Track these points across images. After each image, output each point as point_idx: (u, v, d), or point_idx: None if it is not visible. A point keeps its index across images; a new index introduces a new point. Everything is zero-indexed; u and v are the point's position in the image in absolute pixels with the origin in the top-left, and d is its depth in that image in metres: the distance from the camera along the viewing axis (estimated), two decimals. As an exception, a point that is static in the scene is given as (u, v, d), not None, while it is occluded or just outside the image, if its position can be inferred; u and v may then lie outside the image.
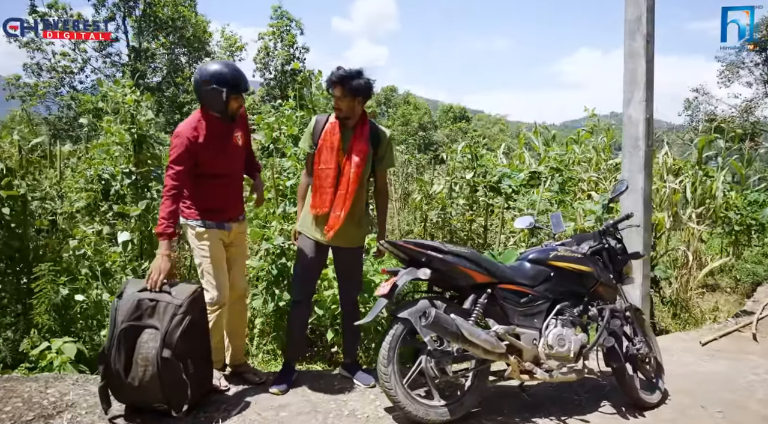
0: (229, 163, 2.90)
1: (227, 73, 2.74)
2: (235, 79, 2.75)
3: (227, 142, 2.87)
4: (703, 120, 24.68)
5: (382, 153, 3.08)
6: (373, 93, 3.07)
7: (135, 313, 2.42)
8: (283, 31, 26.29)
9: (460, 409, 2.77)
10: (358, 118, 3.02)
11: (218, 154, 2.82)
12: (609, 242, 3.22)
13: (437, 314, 2.59)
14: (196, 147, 2.72)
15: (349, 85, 2.88)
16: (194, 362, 2.51)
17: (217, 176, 2.85)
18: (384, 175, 3.18)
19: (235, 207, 2.98)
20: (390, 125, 35.85)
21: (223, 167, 2.87)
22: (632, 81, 4.73)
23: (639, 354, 3.14)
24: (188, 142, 2.70)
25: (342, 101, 2.91)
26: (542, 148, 9.60)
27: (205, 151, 2.76)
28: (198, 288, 2.67)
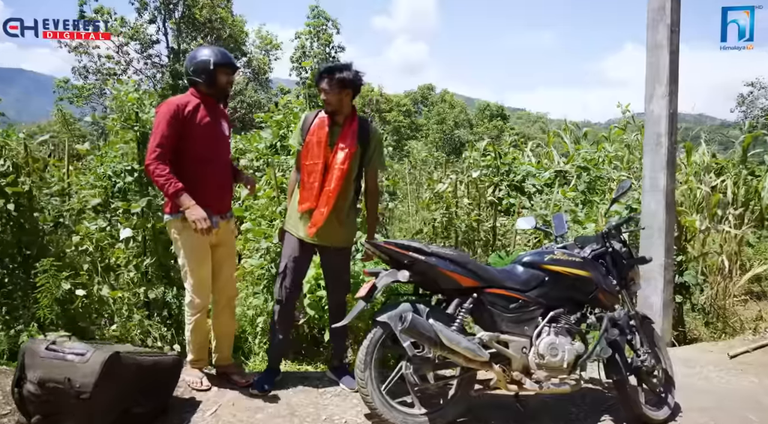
0: (216, 146, 2.84)
1: (211, 49, 2.81)
2: (219, 53, 2.81)
3: (215, 122, 2.83)
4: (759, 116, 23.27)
5: (370, 153, 2.98)
6: (361, 85, 2.98)
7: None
8: (319, 30, 26.44)
9: (441, 419, 2.64)
10: (347, 114, 2.94)
11: (206, 131, 2.77)
12: (613, 245, 3.00)
13: (414, 318, 2.46)
14: (182, 120, 2.67)
15: (336, 78, 2.83)
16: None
17: (203, 161, 2.78)
18: (374, 176, 3.07)
19: (221, 199, 2.90)
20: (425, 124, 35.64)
21: (209, 149, 2.80)
22: (654, 74, 4.45)
23: (644, 366, 2.92)
24: (173, 110, 2.66)
25: (330, 94, 2.86)
26: (571, 146, 9.24)
27: (193, 125, 2.71)
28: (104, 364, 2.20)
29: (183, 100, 2.75)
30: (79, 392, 2.10)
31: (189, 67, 2.81)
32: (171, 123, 2.64)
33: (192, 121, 2.71)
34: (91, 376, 2.11)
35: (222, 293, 2.96)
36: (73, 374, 2.12)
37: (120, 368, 2.22)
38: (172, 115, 2.65)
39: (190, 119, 2.70)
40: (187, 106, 2.71)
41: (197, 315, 2.81)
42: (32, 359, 2.17)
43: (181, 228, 2.74)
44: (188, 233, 2.72)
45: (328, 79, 2.84)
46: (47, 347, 2.20)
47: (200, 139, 2.74)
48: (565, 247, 3.03)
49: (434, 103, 41.71)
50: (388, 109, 31.73)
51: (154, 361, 2.50)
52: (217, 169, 2.85)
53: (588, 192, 7.51)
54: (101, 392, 2.13)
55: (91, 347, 2.22)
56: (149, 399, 2.44)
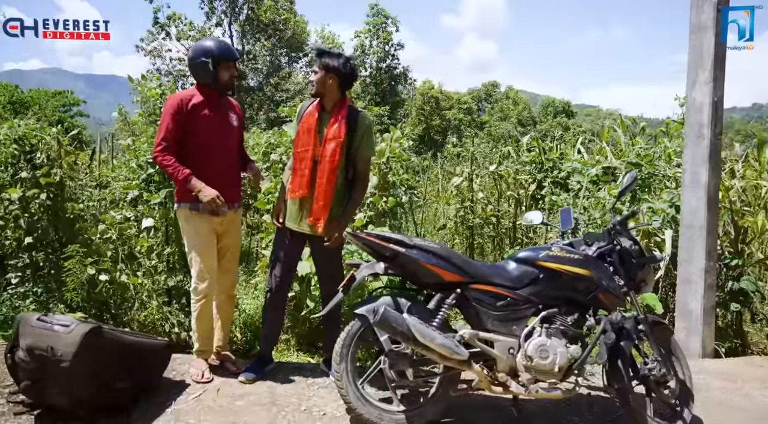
0: (221, 139, 2.88)
1: (213, 45, 2.84)
2: (220, 48, 2.84)
3: (221, 114, 2.89)
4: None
5: (358, 141, 2.93)
6: (350, 76, 2.93)
7: None
8: (378, 29, 26.64)
9: (419, 418, 2.54)
10: (336, 101, 2.91)
11: (210, 124, 2.82)
12: (620, 242, 2.77)
13: (386, 311, 2.39)
14: (186, 113, 2.75)
15: (323, 60, 2.85)
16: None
17: (208, 153, 2.83)
18: (363, 164, 3.00)
19: (229, 189, 2.91)
20: (486, 120, 34.90)
21: (213, 142, 2.84)
22: (697, 58, 4.07)
23: (652, 375, 2.67)
24: (178, 103, 2.74)
25: (316, 75, 2.87)
26: (624, 140, 8.67)
27: (196, 117, 2.78)
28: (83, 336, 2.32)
29: (187, 94, 2.83)
30: (60, 361, 2.22)
31: (191, 65, 2.87)
32: (175, 117, 2.73)
33: (195, 115, 2.78)
34: (72, 346, 2.23)
35: (221, 280, 3.00)
36: (56, 343, 2.24)
37: (100, 341, 2.33)
38: (176, 110, 2.74)
39: (193, 113, 2.77)
40: (191, 100, 2.79)
41: (202, 301, 2.87)
42: (24, 328, 2.32)
43: (188, 216, 2.83)
44: (195, 221, 2.81)
45: (318, 61, 2.87)
46: (38, 318, 2.34)
47: (204, 133, 2.80)
48: (571, 244, 2.83)
49: (498, 101, 40.78)
50: (448, 106, 31.38)
51: (139, 342, 2.60)
52: (222, 161, 2.90)
53: (639, 190, 7.03)
54: (81, 362, 2.24)
55: (77, 321, 2.34)
56: (134, 377, 2.53)
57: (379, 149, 4.14)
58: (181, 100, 2.77)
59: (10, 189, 3.86)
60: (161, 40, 22.43)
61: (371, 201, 4.12)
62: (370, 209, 4.15)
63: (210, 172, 2.81)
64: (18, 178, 3.88)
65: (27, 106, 23.76)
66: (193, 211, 2.82)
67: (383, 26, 26.69)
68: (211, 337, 3.07)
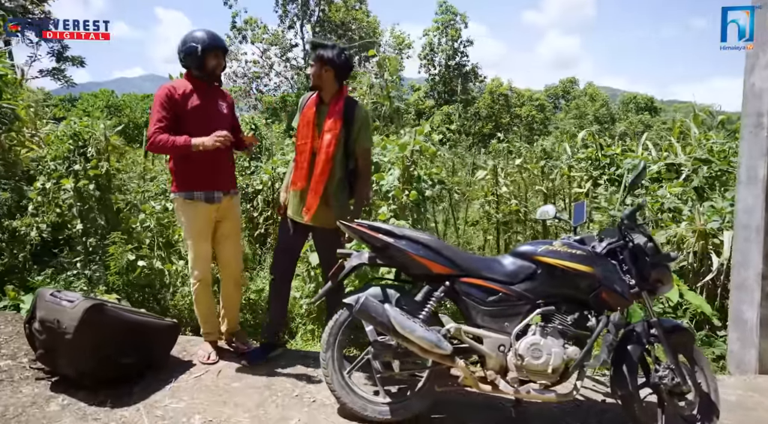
0: (213, 124, 2.87)
1: (201, 34, 2.88)
2: (208, 37, 2.88)
3: (210, 103, 2.93)
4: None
5: (355, 132, 2.92)
6: (346, 67, 2.93)
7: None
8: (447, 26, 26.37)
9: (403, 411, 2.50)
10: (334, 93, 2.92)
11: (200, 111, 2.86)
12: (633, 239, 2.56)
13: (366, 301, 2.37)
14: (177, 101, 2.80)
15: (318, 53, 2.87)
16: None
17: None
18: (363, 155, 2.98)
19: (223, 176, 2.98)
20: (562, 118, 33.44)
21: (206, 127, 2.83)
22: (759, 38, 3.66)
23: (662, 384, 2.45)
24: (167, 93, 2.80)
25: (312, 68, 2.91)
26: (694, 134, 7.97)
27: (188, 106, 2.83)
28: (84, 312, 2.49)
29: (176, 84, 2.89)
30: (65, 333, 2.41)
31: (180, 52, 2.89)
32: (164, 105, 2.80)
33: (184, 104, 2.83)
34: (74, 320, 2.41)
35: (226, 267, 3.09)
36: (62, 317, 2.44)
37: (101, 317, 2.50)
38: (165, 99, 2.80)
39: (182, 102, 2.82)
40: (180, 90, 2.84)
41: (196, 286, 2.98)
42: (40, 302, 2.55)
43: (183, 205, 2.93)
44: (189, 209, 2.92)
45: (313, 54, 2.90)
46: (51, 294, 2.56)
47: (193, 122, 2.84)
48: (582, 239, 2.66)
49: (576, 98, 38.97)
50: (519, 103, 30.43)
51: (144, 321, 2.75)
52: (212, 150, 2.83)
53: (707, 188, 6.44)
54: (82, 336, 2.42)
55: (82, 298, 2.53)
56: (138, 354, 2.69)
57: (402, 142, 4.11)
58: (169, 90, 2.81)
59: (64, 180, 4.23)
60: (238, 44, 23.69)
61: (393, 194, 4.09)
62: (393, 203, 4.13)
63: (202, 161, 2.84)
64: (71, 170, 4.24)
65: (120, 109, 25.95)
66: (187, 200, 2.89)
67: (452, 23, 26.36)
68: (213, 320, 3.13)
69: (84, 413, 2.38)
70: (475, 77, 28.90)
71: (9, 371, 2.71)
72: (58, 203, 4.38)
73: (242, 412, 2.50)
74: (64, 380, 2.61)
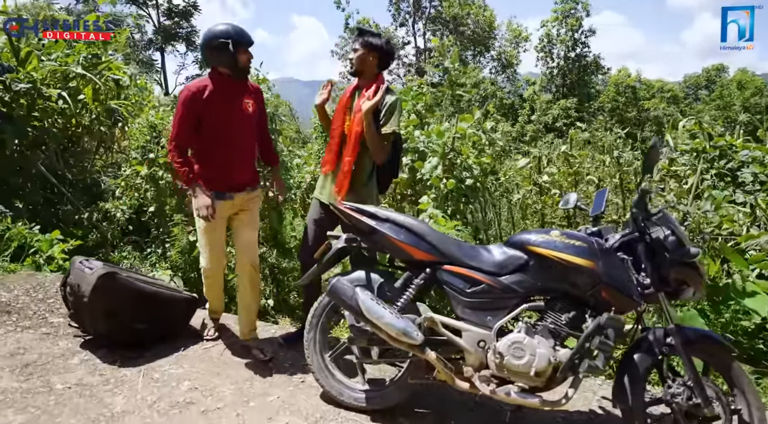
0: (234, 125, 2.82)
1: (230, 29, 2.76)
2: (238, 32, 2.76)
3: (234, 102, 2.81)
4: None
5: (383, 116, 2.86)
6: (390, 55, 2.93)
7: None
8: (567, 16, 24.81)
9: (378, 400, 2.42)
10: (370, 79, 2.90)
11: (223, 112, 2.78)
12: (651, 232, 2.20)
13: (337, 283, 2.32)
14: (199, 102, 2.72)
15: (365, 39, 2.87)
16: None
17: (220, 139, 2.79)
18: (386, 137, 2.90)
19: (240, 175, 2.89)
20: (701, 109, 29.67)
21: (229, 126, 2.80)
22: None
23: (675, 403, 2.08)
24: (190, 95, 2.71)
25: (356, 52, 2.90)
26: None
27: (209, 107, 2.74)
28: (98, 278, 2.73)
29: (200, 84, 2.77)
30: (83, 296, 2.70)
31: (207, 48, 2.75)
32: (188, 108, 2.73)
33: (208, 104, 2.74)
34: (90, 285, 2.70)
35: (241, 256, 2.97)
36: (82, 282, 2.73)
37: (113, 285, 2.75)
38: (189, 101, 2.72)
39: (207, 103, 2.74)
40: (203, 90, 2.75)
41: (208, 280, 3.01)
42: (72, 267, 2.88)
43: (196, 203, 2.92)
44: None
45: (359, 40, 2.89)
46: (80, 261, 2.88)
47: (217, 121, 2.78)
48: (599, 231, 2.36)
49: (724, 87, 34.32)
50: (648, 96, 27.62)
51: (158, 292, 2.96)
52: (235, 148, 2.85)
53: None
54: (96, 300, 2.70)
55: (101, 266, 2.81)
56: (153, 322, 2.93)
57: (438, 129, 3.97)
58: (193, 93, 2.73)
59: (139, 167, 4.74)
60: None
61: (431, 182, 3.97)
62: (432, 192, 4.01)
63: (224, 159, 2.82)
64: (146, 158, 4.73)
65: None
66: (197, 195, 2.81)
67: (572, 13, 24.70)
68: (219, 304, 3.17)
69: (95, 368, 2.65)
70: (597, 69, 26.78)
71: (57, 326, 3.11)
72: (137, 188, 4.91)
73: (229, 383, 2.61)
74: (93, 340, 2.93)
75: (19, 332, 3.01)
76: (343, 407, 2.44)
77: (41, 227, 4.51)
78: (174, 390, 2.50)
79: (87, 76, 5.39)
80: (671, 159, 6.50)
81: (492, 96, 23.42)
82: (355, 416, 2.40)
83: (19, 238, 4.24)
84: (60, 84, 5.46)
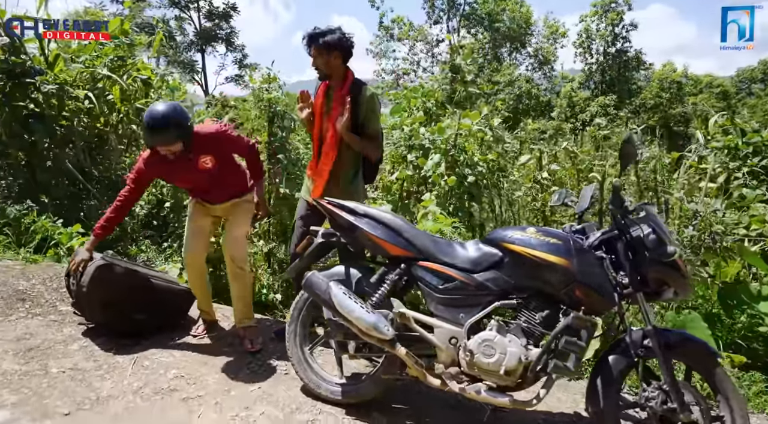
0: (196, 182, 2.97)
1: (146, 119, 2.64)
2: (148, 126, 2.64)
3: (190, 168, 2.85)
4: None
5: (362, 114, 2.86)
6: (349, 47, 2.89)
7: None
8: (607, 10, 24.05)
9: (354, 394, 2.44)
10: (340, 78, 2.91)
11: (182, 176, 2.95)
12: (631, 230, 2.13)
13: (312, 277, 2.35)
14: (157, 167, 2.84)
15: (320, 41, 2.82)
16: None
17: (187, 189, 3.13)
18: (372, 134, 2.91)
19: (218, 199, 3.05)
20: (754, 104, 28.16)
21: (190, 184, 3.05)
22: None
23: (649, 407, 2.02)
24: (148, 161, 2.83)
25: (318, 59, 2.87)
26: None
27: (167, 172, 2.94)
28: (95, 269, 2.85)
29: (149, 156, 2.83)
30: (82, 286, 2.84)
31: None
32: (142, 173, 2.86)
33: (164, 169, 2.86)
34: (88, 276, 2.83)
35: (225, 251, 3.05)
36: (83, 272, 2.87)
37: (111, 276, 2.87)
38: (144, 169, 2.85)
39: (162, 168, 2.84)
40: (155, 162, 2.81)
41: (187, 268, 3.10)
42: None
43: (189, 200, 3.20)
44: (191, 204, 3.13)
45: (314, 46, 2.83)
46: None
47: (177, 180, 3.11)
48: (583, 228, 2.31)
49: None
50: (695, 91, 26.43)
51: (156, 284, 3.08)
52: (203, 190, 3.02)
53: None
54: (94, 290, 2.83)
55: (100, 257, 2.94)
56: (152, 313, 3.04)
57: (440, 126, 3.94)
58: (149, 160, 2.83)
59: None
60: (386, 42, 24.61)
61: (432, 180, 3.96)
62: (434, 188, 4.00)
63: (197, 194, 3.08)
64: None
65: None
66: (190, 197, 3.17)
67: (613, 6, 23.89)
68: (204, 300, 3.19)
69: (91, 354, 2.78)
70: (638, 64, 25.81)
71: (65, 314, 3.27)
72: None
73: (215, 373, 2.68)
74: (95, 328, 3.07)
75: (30, 318, 3.18)
76: (320, 400, 2.48)
77: (65, 220, 4.75)
78: (160, 377, 2.59)
79: (113, 77, 5.65)
80: (701, 156, 6.24)
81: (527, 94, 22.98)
82: (331, 408, 2.43)
83: (42, 231, 4.47)
84: (88, 85, 5.75)
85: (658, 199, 4.52)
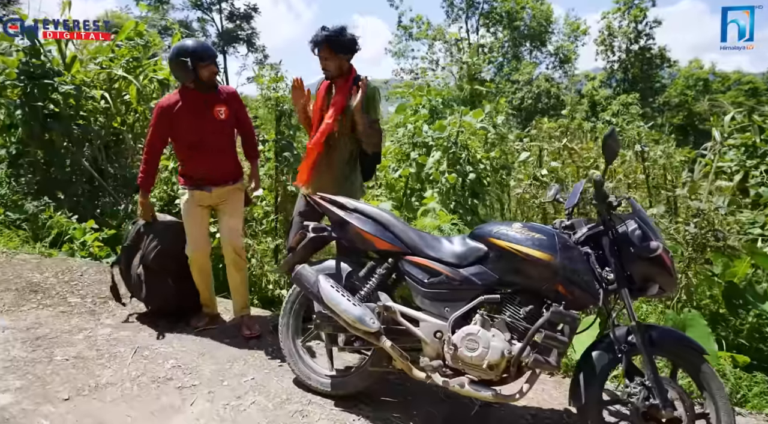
0: (206, 134, 3.02)
1: (189, 45, 2.94)
2: (197, 49, 2.94)
3: (204, 113, 3.00)
4: None
5: (365, 108, 2.90)
6: (354, 46, 2.95)
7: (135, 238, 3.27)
8: (630, 6, 23.62)
9: (342, 386, 2.49)
10: (344, 74, 2.96)
11: (192, 124, 3.00)
12: (616, 226, 2.13)
13: (302, 270, 2.41)
14: (169, 116, 2.98)
15: (337, 44, 2.86)
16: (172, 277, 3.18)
17: (192, 146, 3.03)
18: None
19: (217, 174, 3.09)
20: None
21: (198, 137, 3.01)
22: None
23: (630, 403, 2.01)
24: (160, 110, 3.00)
25: (330, 61, 2.90)
26: None
27: (179, 120, 2.99)
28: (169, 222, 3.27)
29: (171, 98, 3.03)
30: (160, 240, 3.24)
31: (171, 65, 3.00)
32: (158, 121, 3.04)
33: (178, 117, 2.98)
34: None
35: (224, 242, 3.14)
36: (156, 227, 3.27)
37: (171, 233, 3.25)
38: (158, 116, 3.02)
39: (176, 116, 2.98)
40: (173, 104, 2.99)
41: (192, 266, 3.17)
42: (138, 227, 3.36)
43: (182, 195, 3.19)
44: (185, 200, 3.16)
45: (328, 48, 2.87)
46: None
47: (188, 132, 3.02)
48: (572, 224, 2.32)
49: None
50: (723, 89, 25.73)
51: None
52: (209, 152, 3.04)
53: None
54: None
55: None
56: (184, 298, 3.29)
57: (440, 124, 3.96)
58: (162, 108, 3.00)
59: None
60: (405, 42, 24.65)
61: (432, 177, 3.98)
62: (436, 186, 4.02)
63: (199, 161, 3.06)
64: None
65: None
66: (184, 188, 3.15)
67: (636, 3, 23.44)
68: (208, 294, 3.29)
69: (94, 343, 2.89)
70: (662, 62, 25.24)
71: (74, 306, 3.40)
72: (165, 181, 5.23)
73: (211, 363, 2.76)
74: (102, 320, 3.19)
75: (41, 309, 3.31)
76: (311, 391, 2.53)
77: (81, 217, 4.91)
78: (158, 367, 2.68)
79: (128, 78, 5.81)
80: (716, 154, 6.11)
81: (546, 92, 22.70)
82: (320, 400, 2.48)
83: (58, 226, 4.64)
84: (105, 86, 5.92)
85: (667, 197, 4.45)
